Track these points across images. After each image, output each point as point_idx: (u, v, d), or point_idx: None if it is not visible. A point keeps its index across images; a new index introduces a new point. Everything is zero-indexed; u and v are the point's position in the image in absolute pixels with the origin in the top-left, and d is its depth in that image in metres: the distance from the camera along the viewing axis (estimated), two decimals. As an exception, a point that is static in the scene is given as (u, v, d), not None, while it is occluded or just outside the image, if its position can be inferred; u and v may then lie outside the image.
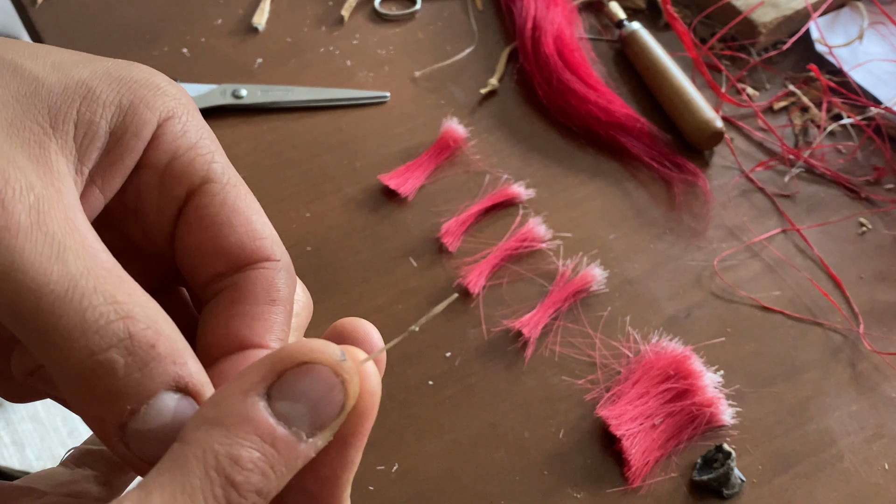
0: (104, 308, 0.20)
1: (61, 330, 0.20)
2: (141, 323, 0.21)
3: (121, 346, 0.20)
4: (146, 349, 0.21)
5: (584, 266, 0.55)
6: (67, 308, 0.20)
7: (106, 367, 0.20)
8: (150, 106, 0.24)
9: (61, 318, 0.20)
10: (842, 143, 0.64)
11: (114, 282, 0.21)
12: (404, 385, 0.51)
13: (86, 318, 0.20)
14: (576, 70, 0.65)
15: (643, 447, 0.47)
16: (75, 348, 0.20)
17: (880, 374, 0.52)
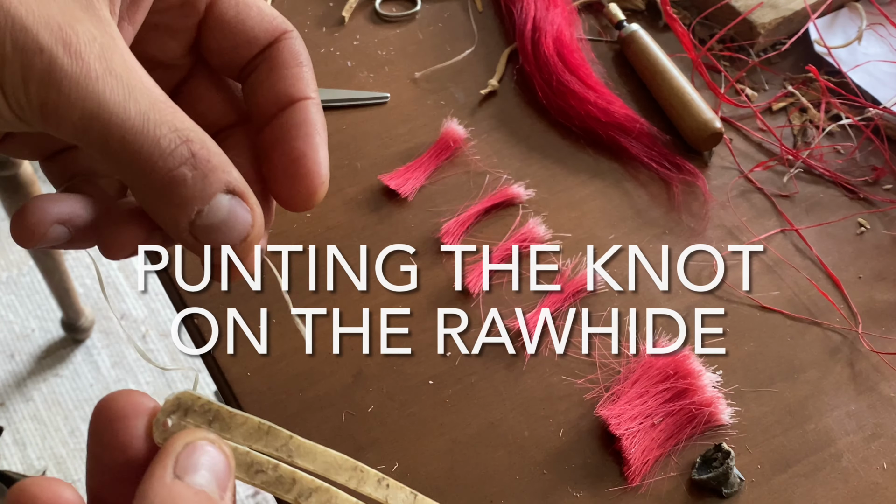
0: (171, 135, 0.25)
1: (144, 155, 0.25)
2: (197, 144, 0.25)
3: (188, 163, 0.25)
4: (204, 163, 0.26)
5: (584, 266, 0.56)
6: (146, 138, 0.25)
7: (179, 180, 0.25)
8: None
9: (143, 147, 0.25)
10: (840, 143, 0.64)
11: (171, 112, 0.25)
12: (404, 385, 0.51)
13: (160, 145, 0.25)
14: (575, 71, 0.65)
15: (643, 446, 0.47)
16: (156, 168, 0.25)
17: (879, 373, 0.52)
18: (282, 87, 0.30)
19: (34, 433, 1.39)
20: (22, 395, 1.43)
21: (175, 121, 0.25)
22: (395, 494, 0.32)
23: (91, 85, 0.24)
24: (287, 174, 0.30)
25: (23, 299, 1.55)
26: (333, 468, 0.30)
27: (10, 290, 1.56)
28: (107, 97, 0.24)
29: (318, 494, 0.29)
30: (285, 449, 0.29)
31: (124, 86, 0.24)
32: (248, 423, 0.29)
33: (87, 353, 1.48)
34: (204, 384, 1.43)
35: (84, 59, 0.24)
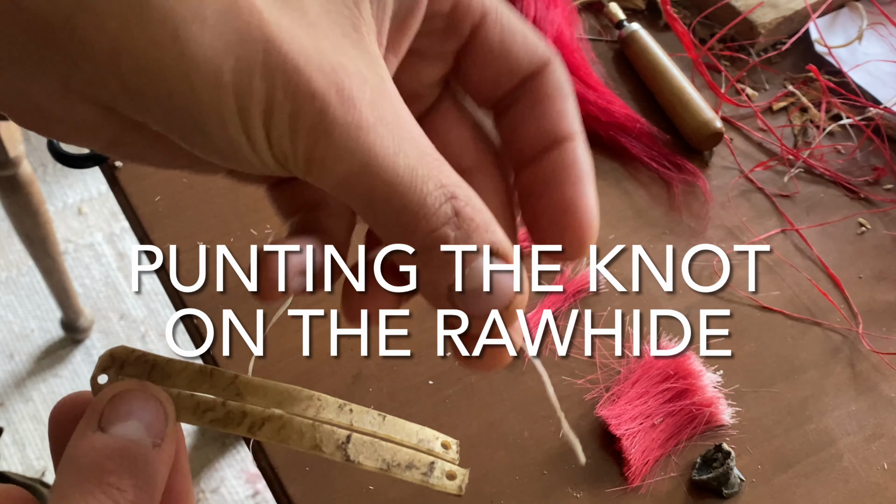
0: (437, 192, 0.23)
1: (409, 214, 0.23)
2: (461, 201, 0.24)
3: (451, 223, 0.24)
4: (468, 222, 0.24)
5: (584, 266, 0.56)
6: (412, 196, 0.23)
7: (442, 240, 0.24)
8: None
9: (409, 205, 0.23)
10: (841, 143, 0.64)
11: (438, 166, 0.24)
12: (404, 385, 0.51)
13: (426, 203, 0.23)
14: (575, 70, 0.65)
15: (643, 447, 0.47)
16: (420, 227, 0.24)
17: (879, 373, 0.52)
18: (546, 123, 0.28)
19: (33, 433, 1.39)
20: (21, 396, 1.43)
21: (441, 176, 0.24)
22: (361, 417, 0.29)
23: (362, 136, 0.22)
24: (555, 224, 0.27)
25: (22, 299, 1.55)
26: (287, 400, 0.28)
27: (10, 290, 1.56)
28: (377, 150, 0.22)
29: (270, 423, 0.27)
30: (232, 388, 0.28)
31: (394, 136, 0.23)
32: (188, 369, 0.28)
33: (86, 354, 1.48)
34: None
35: (356, 107, 0.22)
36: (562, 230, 0.28)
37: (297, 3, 0.22)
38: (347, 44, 0.23)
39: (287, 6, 0.22)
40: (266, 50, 0.21)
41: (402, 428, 0.29)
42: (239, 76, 0.21)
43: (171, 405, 0.26)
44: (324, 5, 0.23)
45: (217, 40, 0.21)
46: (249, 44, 0.21)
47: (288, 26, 0.22)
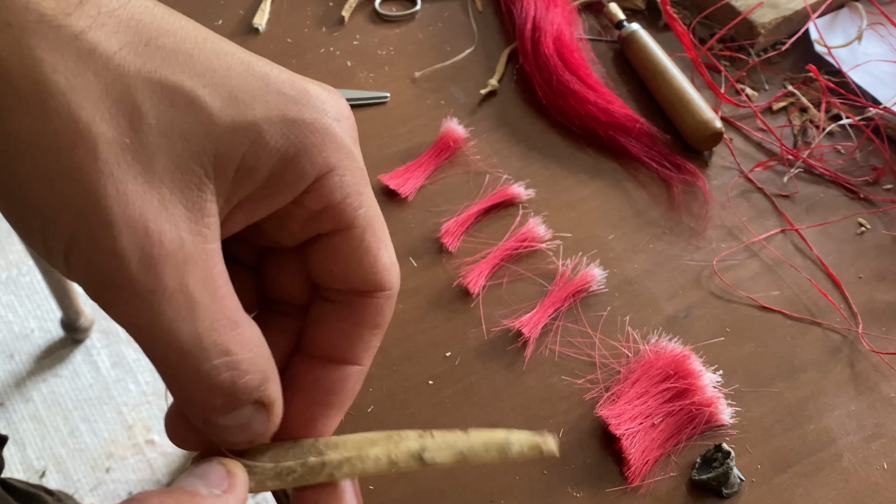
0: (218, 362, 0.25)
1: (182, 376, 0.24)
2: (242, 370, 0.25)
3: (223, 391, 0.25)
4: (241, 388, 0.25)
5: (584, 266, 0.56)
6: (189, 362, 0.24)
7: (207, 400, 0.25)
8: (312, 159, 0.26)
9: (183, 368, 0.24)
10: (841, 143, 0.64)
11: (230, 330, 0.25)
12: (404, 385, 0.51)
13: (201, 370, 0.24)
14: (575, 70, 0.65)
15: (642, 447, 0.47)
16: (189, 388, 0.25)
17: (879, 373, 0.52)
18: (344, 342, 0.30)
19: (34, 433, 1.39)
20: (21, 396, 1.43)
21: (230, 343, 0.25)
22: (443, 437, 0.30)
23: (153, 299, 0.23)
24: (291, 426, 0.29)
25: (22, 299, 1.55)
26: (366, 445, 0.30)
27: (10, 289, 1.56)
28: (164, 315, 0.23)
29: (349, 463, 0.29)
30: (314, 450, 0.29)
31: (190, 303, 0.24)
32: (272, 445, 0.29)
33: (86, 354, 1.48)
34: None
35: (157, 272, 0.23)
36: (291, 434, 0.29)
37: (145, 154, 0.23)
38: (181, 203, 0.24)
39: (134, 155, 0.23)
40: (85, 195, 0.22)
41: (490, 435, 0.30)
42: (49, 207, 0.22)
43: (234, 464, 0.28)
44: (175, 160, 0.23)
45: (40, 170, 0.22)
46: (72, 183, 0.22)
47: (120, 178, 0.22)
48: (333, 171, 0.27)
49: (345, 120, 0.27)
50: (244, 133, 0.24)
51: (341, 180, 0.27)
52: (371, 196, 0.29)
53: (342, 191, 0.27)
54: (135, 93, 0.23)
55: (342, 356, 0.30)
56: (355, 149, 0.28)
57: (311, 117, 0.26)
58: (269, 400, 0.27)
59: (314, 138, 0.26)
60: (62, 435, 1.38)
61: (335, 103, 0.27)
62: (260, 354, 0.26)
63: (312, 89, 0.26)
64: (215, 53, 0.25)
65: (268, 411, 0.27)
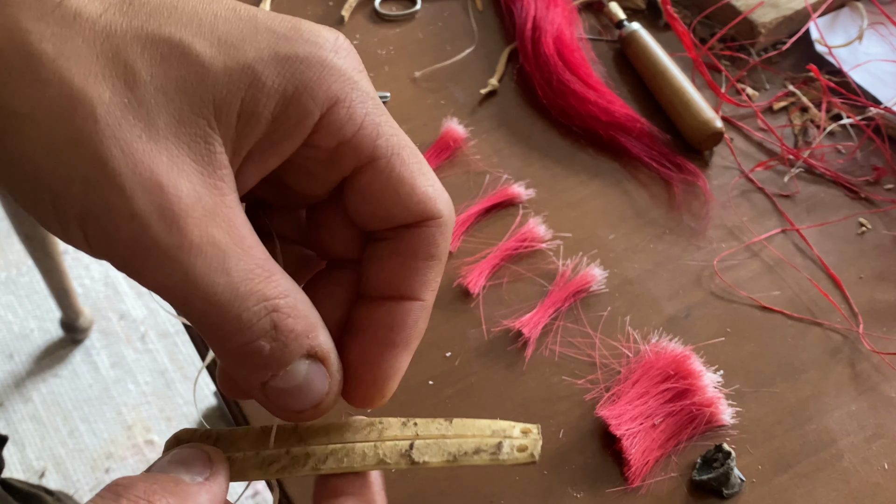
0: (257, 308, 0.24)
1: (225, 328, 0.24)
2: (283, 313, 0.25)
3: (268, 335, 0.24)
4: (286, 333, 0.25)
5: (584, 266, 0.55)
6: (228, 313, 0.24)
7: (255, 351, 0.24)
8: (314, 94, 0.25)
9: (224, 320, 0.24)
10: (841, 143, 0.64)
11: (264, 279, 0.24)
12: (404, 385, 0.50)
13: (242, 319, 0.24)
14: (576, 70, 0.65)
15: (643, 447, 0.47)
16: (234, 340, 0.24)
17: (880, 373, 0.52)
18: (399, 276, 0.28)
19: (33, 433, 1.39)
20: (21, 396, 1.43)
21: (266, 289, 0.24)
22: (427, 427, 0.29)
23: (182, 256, 0.23)
24: (354, 372, 0.28)
25: (22, 299, 1.55)
26: (349, 432, 0.29)
27: (9, 289, 1.56)
28: (196, 270, 0.23)
29: (334, 455, 0.28)
30: (294, 436, 0.29)
31: (220, 254, 0.23)
32: (249, 433, 0.29)
33: (86, 354, 1.48)
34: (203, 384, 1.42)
35: (180, 227, 0.22)
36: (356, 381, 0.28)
37: (145, 112, 0.22)
38: (188, 156, 0.23)
39: (134, 114, 0.22)
40: (91, 162, 0.21)
41: (473, 425, 0.29)
42: (57, 180, 0.22)
43: (216, 452, 0.27)
44: (176, 115, 0.23)
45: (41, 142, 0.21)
46: (76, 151, 0.21)
47: (124, 138, 0.22)
48: (339, 104, 0.26)
49: (344, 51, 0.26)
50: (239, 77, 0.24)
51: (349, 112, 0.26)
52: (392, 124, 0.27)
53: (353, 122, 0.26)
54: (125, 51, 0.22)
55: (400, 292, 0.28)
56: (361, 79, 0.27)
57: (305, 52, 0.25)
58: (323, 351, 0.26)
59: (311, 73, 0.25)
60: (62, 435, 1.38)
61: (331, 36, 0.26)
62: (300, 301, 0.25)
63: (305, 25, 0.26)
64: (200, 2, 0.24)
65: (325, 364, 0.26)
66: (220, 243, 0.23)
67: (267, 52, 0.24)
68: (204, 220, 0.23)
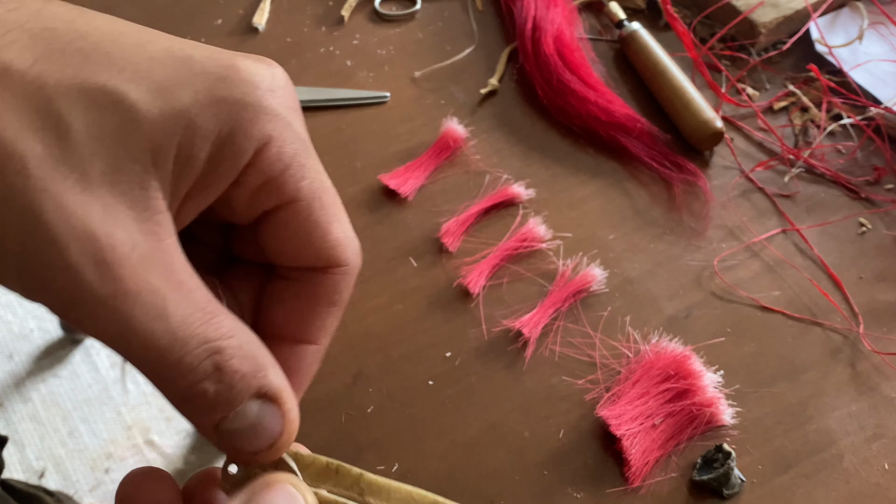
0: (198, 350, 0.24)
1: (167, 374, 0.24)
2: (227, 354, 0.25)
3: (211, 378, 0.24)
4: (231, 374, 0.25)
5: (584, 266, 0.55)
6: (169, 358, 0.24)
7: (199, 394, 0.24)
8: (247, 134, 0.25)
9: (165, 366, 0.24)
10: (842, 143, 0.64)
11: (205, 321, 0.24)
12: (404, 385, 0.51)
13: (183, 363, 0.24)
14: (576, 70, 0.65)
15: (643, 447, 0.47)
16: (177, 384, 0.24)
17: (880, 374, 0.52)
18: (299, 320, 0.29)
19: (33, 434, 1.39)
20: (20, 396, 1.43)
21: (208, 331, 0.24)
22: None
23: (118, 305, 0.23)
24: None
25: (21, 299, 1.55)
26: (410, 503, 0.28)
27: (9, 290, 1.56)
28: (134, 318, 0.23)
29: None
30: (356, 488, 0.28)
31: (158, 300, 0.23)
32: (315, 464, 0.28)
33: (85, 354, 1.48)
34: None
35: (115, 276, 0.22)
36: None
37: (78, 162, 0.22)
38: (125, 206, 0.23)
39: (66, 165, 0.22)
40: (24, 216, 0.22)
41: None
42: None
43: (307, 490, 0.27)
44: (111, 163, 0.23)
45: None
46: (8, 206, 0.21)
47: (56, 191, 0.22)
48: (271, 143, 0.26)
49: (280, 90, 0.26)
50: (175, 122, 0.24)
51: (279, 151, 0.26)
52: (318, 168, 0.28)
53: (281, 162, 0.26)
54: (57, 102, 0.22)
55: (297, 335, 0.29)
56: (294, 118, 0.27)
57: (241, 92, 0.25)
58: (273, 390, 0.26)
59: (246, 113, 0.25)
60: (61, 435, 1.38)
61: (268, 74, 0.26)
62: (246, 341, 0.25)
63: (241, 63, 0.26)
64: (134, 46, 0.24)
65: (277, 404, 0.26)
66: (157, 289, 0.23)
67: (203, 94, 0.24)
68: (140, 268, 0.23)
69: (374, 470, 0.47)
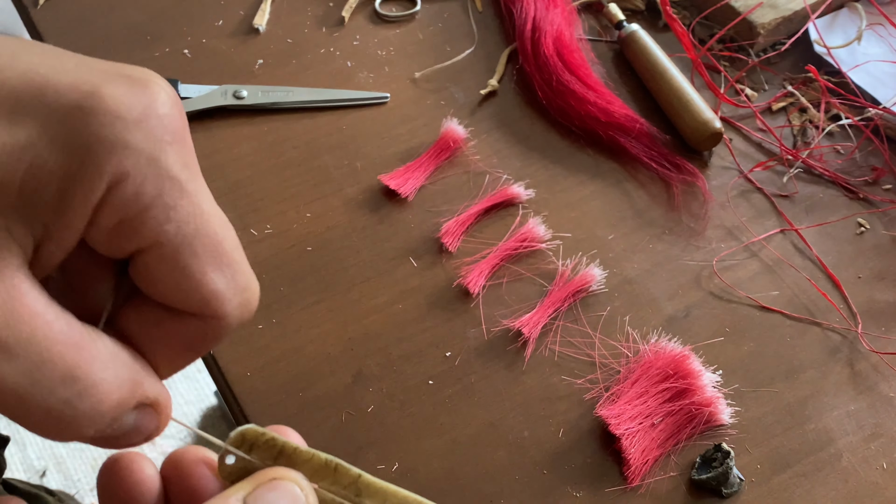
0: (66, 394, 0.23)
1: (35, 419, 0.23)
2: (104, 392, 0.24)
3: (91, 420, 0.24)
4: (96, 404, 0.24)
5: (584, 266, 0.56)
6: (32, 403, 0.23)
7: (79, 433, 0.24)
8: (98, 170, 0.23)
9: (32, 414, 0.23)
10: (840, 143, 0.64)
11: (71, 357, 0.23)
12: (404, 384, 0.51)
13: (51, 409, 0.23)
14: (575, 71, 0.65)
15: (642, 446, 0.47)
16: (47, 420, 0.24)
17: (878, 373, 0.52)
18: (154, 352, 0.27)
19: (34, 433, 1.39)
20: (22, 395, 1.43)
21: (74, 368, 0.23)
22: None
23: None
24: None
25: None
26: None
27: (10, 290, 1.56)
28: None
29: None
30: (353, 488, 0.28)
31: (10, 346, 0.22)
32: (314, 460, 0.28)
33: (86, 353, 1.48)
34: (204, 384, 1.42)
35: None
36: None
37: None
38: None
39: None
40: None
41: None
42: None
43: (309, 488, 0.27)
44: None
45: None
46: None
47: None
48: (127, 181, 0.23)
49: (153, 120, 0.24)
50: (19, 155, 0.22)
51: (137, 191, 0.23)
52: (195, 209, 0.25)
53: (138, 202, 0.24)
54: None
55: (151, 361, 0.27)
56: (166, 153, 0.24)
57: (97, 124, 0.23)
58: (150, 399, 0.26)
59: (99, 148, 0.23)
60: (62, 435, 1.39)
61: (138, 103, 0.24)
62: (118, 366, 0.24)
63: (107, 91, 0.23)
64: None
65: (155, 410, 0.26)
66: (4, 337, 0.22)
67: (52, 128, 0.22)
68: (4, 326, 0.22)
69: (374, 469, 0.47)
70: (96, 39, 0.69)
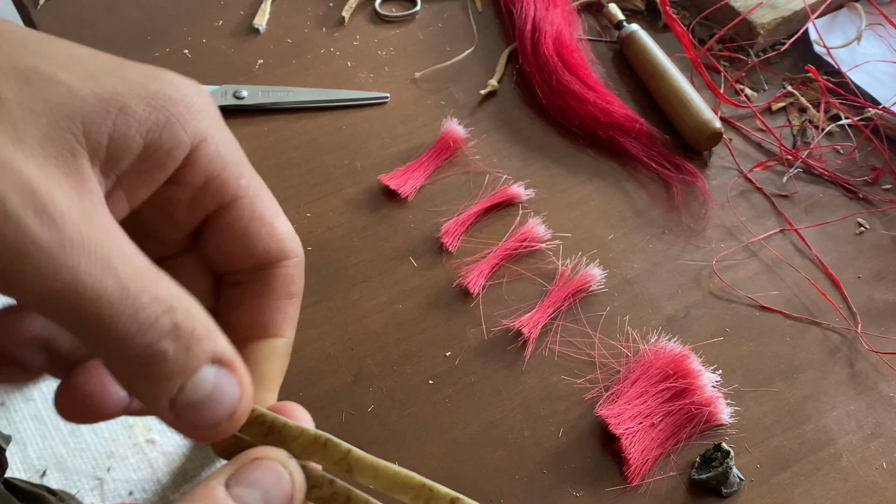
0: (152, 306, 0.23)
1: (121, 330, 0.23)
2: (181, 312, 0.24)
3: (169, 335, 0.23)
4: (188, 334, 0.24)
5: (584, 266, 0.56)
6: (123, 311, 0.22)
7: (160, 354, 0.23)
8: (185, 127, 0.25)
9: (120, 321, 0.22)
10: (840, 143, 0.64)
11: (154, 280, 0.23)
12: (404, 384, 0.51)
13: (139, 318, 0.23)
14: (575, 71, 0.65)
15: (642, 446, 0.47)
16: (134, 343, 0.23)
17: (878, 373, 0.52)
18: (262, 317, 0.29)
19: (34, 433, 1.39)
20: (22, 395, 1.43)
21: (158, 289, 0.23)
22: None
23: (65, 256, 0.22)
24: None
25: (23, 299, 1.55)
26: (398, 486, 0.28)
27: (10, 289, 1.56)
28: (82, 268, 0.22)
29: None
30: (344, 463, 0.28)
31: (103, 255, 0.22)
32: (303, 436, 0.28)
33: (87, 353, 1.48)
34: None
35: (58, 227, 0.22)
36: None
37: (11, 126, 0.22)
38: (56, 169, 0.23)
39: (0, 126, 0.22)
40: None
41: None
42: None
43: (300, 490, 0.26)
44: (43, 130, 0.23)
45: None
46: None
47: None
48: (208, 140, 0.26)
49: (206, 97, 0.27)
50: (109, 103, 0.24)
51: (217, 149, 0.26)
52: (251, 168, 0.28)
53: (221, 160, 0.27)
54: None
55: (264, 332, 0.29)
56: (223, 123, 0.27)
57: (171, 89, 0.25)
58: (228, 355, 0.25)
59: (180, 108, 0.25)
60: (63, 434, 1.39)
61: (192, 84, 0.26)
62: (193, 304, 0.24)
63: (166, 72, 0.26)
64: (62, 45, 0.25)
65: (232, 369, 0.25)
66: (101, 244, 0.22)
67: (136, 85, 0.24)
68: (81, 222, 0.22)
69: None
70: (96, 39, 0.69)
